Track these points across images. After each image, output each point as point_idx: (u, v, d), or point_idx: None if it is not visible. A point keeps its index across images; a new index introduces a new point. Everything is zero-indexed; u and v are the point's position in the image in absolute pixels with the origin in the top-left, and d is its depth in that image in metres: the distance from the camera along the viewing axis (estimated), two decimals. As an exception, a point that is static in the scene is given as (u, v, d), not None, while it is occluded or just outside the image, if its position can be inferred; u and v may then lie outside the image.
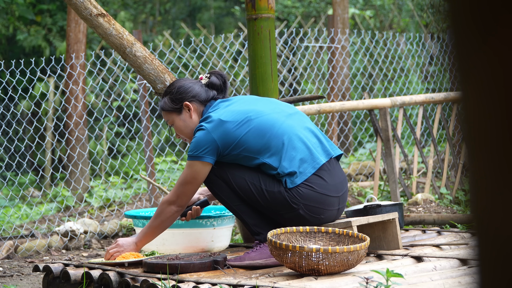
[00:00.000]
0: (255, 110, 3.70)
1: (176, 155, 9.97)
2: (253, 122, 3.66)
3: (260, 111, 3.70)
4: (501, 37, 0.92)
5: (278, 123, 3.68)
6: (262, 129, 3.65)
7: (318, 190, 3.65)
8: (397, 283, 2.91)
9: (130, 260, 3.74)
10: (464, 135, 0.97)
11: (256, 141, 3.64)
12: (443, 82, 8.70)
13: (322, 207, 3.67)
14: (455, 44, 0.97)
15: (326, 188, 3.68)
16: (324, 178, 3.68)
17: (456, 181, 5.94)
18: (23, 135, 9.85)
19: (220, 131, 3.64)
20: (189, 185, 3.67)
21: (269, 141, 3.64)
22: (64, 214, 6.84)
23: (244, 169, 3.68)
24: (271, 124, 3.66)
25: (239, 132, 3.64)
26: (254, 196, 3.65)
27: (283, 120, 3.69)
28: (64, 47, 10.91)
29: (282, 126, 3.67)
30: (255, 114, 3.68)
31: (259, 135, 3.65)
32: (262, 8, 4.48)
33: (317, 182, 3.65)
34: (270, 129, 3.65)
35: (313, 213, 3.66)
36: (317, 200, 3.65)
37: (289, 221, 3.67)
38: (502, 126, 0.93)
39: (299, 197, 3.63)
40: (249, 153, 3.65)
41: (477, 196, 0.96)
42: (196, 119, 3.81)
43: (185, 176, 3.68)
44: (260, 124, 3.66)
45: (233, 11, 13.34)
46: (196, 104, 3.81)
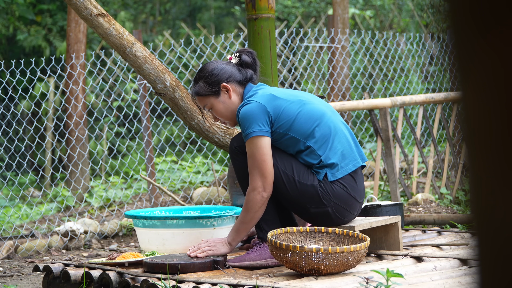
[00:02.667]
0: (305, 96, 3.68)
1: (176, 155, 9.97)
2: (305, 106, 3.61)
3: (310, 99, 3.67)
4: (501, 37, 0.93)
5: (327, 114, 3.65)
6: (313, 114, 3.61)
7: (350, 191, 3.63)
8: (397, 283, 2.91)
9: (130, 260, 3.74)
10: (464, 135, 0.97)
11: (306, 124, 3.58)
12: (443, 82, 8.70)
13: (348, 210, 3.65)
14: (455, 44, 0.97)
15: (357, 192, 3.66)
16: (357, 181, 3.66)
17: (456, 181, 5.94)
18: (23, 135, 9.85)
19: (273, 104, 3.57)
20: (262, 162, 3.52)
21: (318, 127, 3.59)
22: (64, 214, 6.84)
23: (278, 156, 3.60)
24: (321, 113, 3.63)
25: (292, 109, 3.58)
26: (284, 184, 3.57)
27: (330, 114, 3.67)
28: (64, 47, 10.91)
29: (330, 118, 3.65)
30: (307, 100, 3.65)
31: (310, 119, 3.59)
32: (262, 8, 4.48)
33: (351, 184, 3.63)
34: (320, 117, 3.61)
35: (339, 214, 3.63)
36: (346, 201, 3.62)
37: (315, 216, 3.61)
38: (502, 126, 0.93)
39: (332, 195, 3.58)
40: (297, 134, 3.58)
41: (477, 196, 0.96)
42: (237, 99, 3.72)
43: (253, 157, 3.53)
44: (312, 110, 3.62)
45: (233, 11, 13.34)
46: (234, 85, 3.72)
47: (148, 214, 4.31)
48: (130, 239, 5.84)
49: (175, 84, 4.40)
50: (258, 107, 3.55)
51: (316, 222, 3.67)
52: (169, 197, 6.58)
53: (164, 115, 8.61)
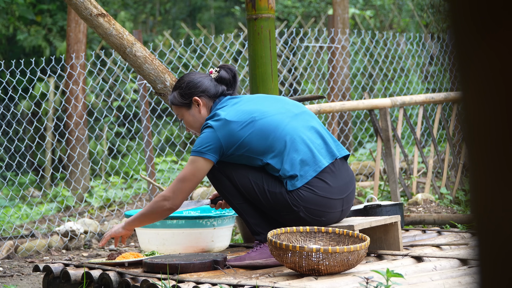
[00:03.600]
0: (260, 110, 3.70)
1: (176, 155, 9.97)
2: (257, 124, 3.65)
3: (265, 111, 3.69)
4: (501, 37, 0.93)
5: (282, 124, 3.66)
6: (265, 130, 3.64)
7: (320, 193, 3.63)
8: (397, 283, 2.91)
9: (130, 260, 3.74)
10: (464, 135, 0.97)
11: (259, 143, 3.64)
12: (443, 82, 8.70)
13: (323, 210, 3.66)
14: (455, 44, 0.97)
15: (328, 191, 3.66)
16: (327, 181, 3.66)
17: (456, 181, 5.94)
18: (23, 135, 9.85)
19: (225, 130, 3.64)
20: (187, 182, 3.65)
21: (272, 142, 3.63)
22: (64, 214, 6.84)
23: (249, 169, 3.68)
24: (274, 126, 3.65)
25: (243, 132, 3.64)
26: (257, 195, 3.65)
27: (288, 122, 3.68)
28: (64, 47, 10.91)
29: (286, 128, 3.66)
30: (260, 114, 3.67)
31: (263, 136, 3.64)
32: (262, 8, 4.48)
33: (318, 185, 3.63)
34: (274, 131, 3.64)
35: (314, 216, 3.65)
36: (318, 203, 3.63)
37: (290, 222, 3.67)
38: (502, 126, 0.93)
39: (299, 200, 3.61)
40: (252, 153, 3.65)
41: (477, 196, 0.96)
42: (205, 113, 3.81)
43: (185, 172, 3.66)
44: (264, 125, 3.65)
45: (233, 11, 13.34)
46: (205, 99, 3.80)
47: (148, 214, 4.31)
48: (130, 239, 5.84)
49: (175, 84, 4.39)
50: (212, 133, 3.64)
51: (294, 226, 3.68)
52: (169, 197, 6.57)
53: (164, 115, 8.61)
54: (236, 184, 3.68)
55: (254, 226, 3.72)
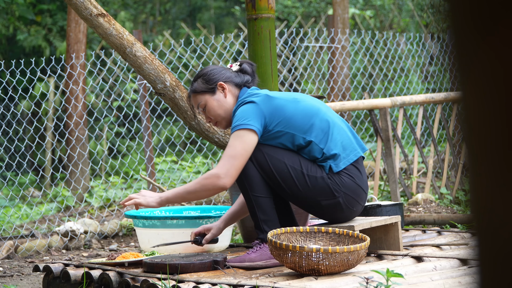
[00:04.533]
0: (298, 95, 3.72)
1: (176, 155, 9.97)
2: (300, 103, 3.65)
3: (303, 97, 3.71)
4: (501, 37, 0.93)
5: (322, 109, 3.68)
6: (308, 110, 3.64)
7: (357, 181, 3.65)
8: (397, 283, 2.91)
9: (130, 260, 3.74)
10: (464, 135, 0.97)
11: (303, 120, 3.62)
12: (443, 82, 8.70)
13: (357, 200, 3.68)
14: (455, 44, 0.97)
15: (362, 181, 3.69)
16: (360, 171, 3.69)
17: (456, 181, 5.94)
18: (23, 135, 9.85)
19: (268, 104, 3.60)
20: (239, 158, 3.52)
21: (315, 122, 3.62)
22: (64, 214, 6.84)
23: (283, 152, 3.61)
24: (316, 109, 3.67)
25: (288, 107, 3.61)
26: (293, 180, 3.58)
27: (325, 110, 3.71)
28: (64, 47, 10.91)
29: (326, 113, 3.68)
30: (300, 98, 3.69)
31: (307, 115, 3.63)
32: (262, 8, 4.48)
33: (355, 174, 3.66)
34: (316, 112, 3.65)
35: (349, 204, 3.65)
36: (355, 191, 3.65)
37: (326, 208, 3.62)
38: (502, 126, 0.93)
39: (341, 185, 3.61)
40: (295, 130, 3.60)
41: (477, 196, 0.96)
42: (231, 100, 3.75)
43: (233, 149, 3.53)
44: (306, 106, 3.65)
45: (233, 11, 13.34)
46: (231, 86, 3.77)
47: (148, 214, 4.31)
48: (130, 239, 5.84)
49: (175, 84, 4.40)
50: (254, 106, 3.60)
51: (327, 214, 3.68)
52: (169, 197, 6.57)
53: (164, 115, 8.61)
54: (269, 169, 3.57)
55: (262, 222, 3.64)
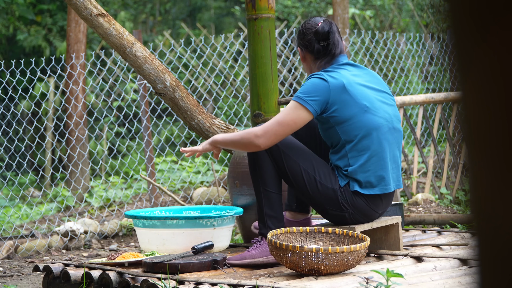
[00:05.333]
0: (373, 102, 3.59)
1: (176, 155, 9.97)
2: (364, 114, 3.56)
3: (375, 107, 3.59)
4: (501, 37, 0.93)
5: (381, 130, 3.59)
6: (365, 124, 3.55)
7: (371, 206, 3.66)
8: (397, 283, 2.91)
9: (130, 260, 3.74)
10: (464, 135, 0.97)
11: (352, 130, 3.56)
12: (443, 82, 8.70)
13: (365, 218, 3.71)
14: (455, 44, 0.97)
15: (379, 207, 3.69)
16: (382, 200, 3.69)
17: (456, 181, 5.94)
18: (23, 135, 9.85)
19: (337, 96, 3.54)
20: (285, 126, 3.50)
21: (362, 139, 3.56)
22: (64, 214, 6.84)
23: (300, 153, 3.60)
24: (375, 126, 3.58)
25: (349, 111, 3.54)
26: (304, 183, 3.58)
27: (385, 131, 3.61)
28: (64, 47, 10.91)
29: (382, 135, 3.60)
30: (371, 107, 3.57)
31: (359, 128, 3.55)
32: (262, 8, 4.48)
33: (374, 201, 3.66)
34: (370, 130, 3.57)
35: (355, 220, 3.69)
36: (365, 212, 3.67)
37: (331, 216, 3.67)
38: (502, 126, 0.93)
39: (351, 203, 3.62)
40: (341, 132, 3.56)
41: (477, 196, 0.96)
42: (309, 65, 3.73)
43: (285, 116, 3.51)
44: (367, 120, 3.55)
45: (233, 11, 13.34)
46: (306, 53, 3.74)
47: (148, 214, 4.31)
48: (130, 239, 5.84)
49: (175, 84, 4.40)
50: (325, 88, 3.55)
51: (332, 220, 3.73)
52: (169, 197, 6.58)
53: (164, 115, 8.61)
54: (283, 167, 3.59)
55: (267, 217, 3.65)
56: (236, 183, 4.31)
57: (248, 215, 4.30)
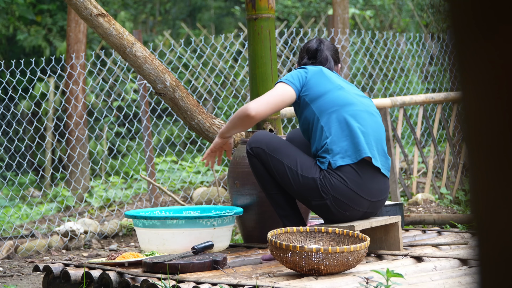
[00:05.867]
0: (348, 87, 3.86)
1: (176, 155, 9.97)
2: (338, 91, 3.81)
3: (348, 89, 3.84)
4: (501, 37, 0.93)
5: (353, 105, 3.80)
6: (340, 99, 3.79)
7: (350, 185, 3.68)
8: (397, 283, 2.91)
9: (130, 260, 3.74)
10: (464, 135, 0.97)
11: (327, 105, 3.78)
12: (443, 82, 8.70)
13: (349, 204, 3.70)
14: (455, 44, 0.97)
15: (359, 186, 3.70)
16: (361, 176, 3.70)
17: (456, 181, 5.94)
18: (23, 135, 9.85)
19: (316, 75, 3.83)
20: (274, 97, 3.80)
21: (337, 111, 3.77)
22: (64, 214, 6.84)
23: (285, 152, 3.79)
24: (348, 102, 3.80)
25: (326, 86, 3.80)
26: (288, 179, 3.74)
27: (359, 105, 3.81)
28: (64, 47, 10.91)
29: (356, 108, 3.79)
30: (346, 88, 3.84)
31: (334, 103, 3.79)
32: (262, 8, 4.48)
33: (351, 177, 3.68)
34: (345, 104, 3.79)
35: (339, 207, 3.70)
36: (346, 195, 3.68)
37: (316, 208, 3.75)
38: (502, 125, 0.93)
39: (330, 188, 3.67)
40: (316, 109, 3.78)
41: (477, 196, 0.96)
42: None
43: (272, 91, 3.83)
44: (341, 95, 3.80)
45: (233, 11, 13.34)
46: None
47: (148, 214, 4.31)
48: (130, 239, 5.84)
49: (175, 84, 4.40)
50: (304, 72, 3.86)
51: (320, 214, 3.78)
52: (169, 197, 6.58)
53: (164, 115, 8.61)
54: (272, 171, 3.79)
55: (282, 218, 3.85)
56: (236, 183, 4.32)
57: (248, 215, 4.30)
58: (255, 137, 3.88)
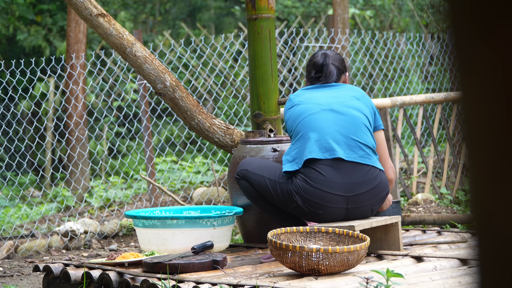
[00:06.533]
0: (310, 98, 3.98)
1: (176, 155, 9.97)
2: (297, 107, 3.95)
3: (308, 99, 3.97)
4: (501, 37, 0.93)
5: (307, 113, 3.92)
6: (297, 115, 3.93)
7: (314, 184, 3.73)
8: (397, 283, 2.91)
9: (130, 260, 3.74)
10: (464, 135, 0.97)
11: (292, 124, 3.95)
12: (443, 82, 8.70)
13: (320, 202, 3.73)
14: (455, 44, 0.97)
15: (324, 183, 3.73)
16: (322, 173, 3.74)
17: (456, 181, 5.94)
18: (23, 135, 9.85)
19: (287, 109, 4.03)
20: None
21: (297, 126, 3.92)
22: (64, 214, 6.84)
23: (265, 167, 3.92)
24: (302, 112, 3.92)
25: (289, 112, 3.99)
26: (269, 190, 3.85)
27: (311, 113, 3.91)
28: (64, 47, 10.91)
29: (308, 118, 3.90)
30: (304, 101, 3.97)
31: (294, 120, 3.93)
32: (262, 8, 4.48)
33: (312, 176, 3.74)
34: (299, 116, 3.92)
35: (311, 207, 3.74)
36: (314, 194, 3.73)
37: (294, 211, 3.83)
38: (502, 126, 0.93)
39: (296, 189, 3.76)
40: (289, 132, 3.97)
41: (477, 196, 0.96)
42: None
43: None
44: (297, 111, 3.94)
45: (233, 11, 13.34)
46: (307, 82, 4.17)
47: (148, 214, 4.31)
48: (130, 239, 5.84)
49: (175, 84, 4.40)
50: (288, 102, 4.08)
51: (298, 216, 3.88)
52: (169, 197, 6.58)
53: (164, 115, 8.61)
54: (255, 185, 3.91)
55: (278, 222, 3.91)
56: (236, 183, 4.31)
57: (248, 215, 4.30)
58: (240, 163, 4.03)
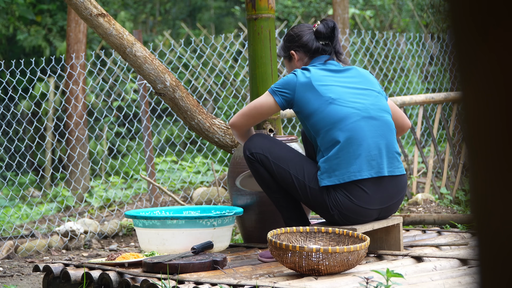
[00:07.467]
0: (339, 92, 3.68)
1: (176, 155, 9.97)
2: (329, 106, 3.66)
3: (340, 97, 3.67)
4: (501, 37, 0.93)
5: (350, 118, 3.66)
6: (331, 116, 3.65)
7: (356, 201, 3.63)
8: (397, 283, 2.91)
9: (130, 260, 3.74)
10: (464, 135, 0.97)
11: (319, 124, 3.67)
12: (443, 82, 8.70)
13: (357, 217, 3.68)
14: (455, 44, 0.97)
15: (366, 200, 3.65)
16: (365, 190, 3.64)
17: (456, 181, 5.94)
18: (23, 135, 9.85)
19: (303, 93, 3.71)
20: (251, 108, 3.80)
21: (328, 131, 3.66)
22: (64, 214, 6.84)
23: (290, 160, 3.74)
24: (342, 116, 3.65)
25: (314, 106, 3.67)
26: (296, 189, 3.70)
27: (356, 119, 3.66)
28: (64, 47, 10.91)
29: (349, 125, 3.65)
30: (336, 98, 3.67)
31: (327, 122, 3.65)
32: (262, 8, 4.48)
33: (356, 193, 3.63)
34: (337, 121, 3.65)
35: (347, 220, 3.68)
36: (353, 210, 3.64)
37: (323, 217, 3.75)
38: (502, 126, 0.93)
39: (336, 204, 3.63)
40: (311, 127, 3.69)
41: (477, 196, 0.96)
42: (295, 65, 3.93)
43: (255, 100, 3.83)
44: (332, 111, 3.65)
45: (233, 11, 13.34)
46: (301, 54, 3.89)
47: (148, 214, 4.31)
48: (130, 239, 5.84)
49: (175, 84, 4.40)
50: (292, 82, 3.74)
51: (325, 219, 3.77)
52: (169, 197, 6.58)
53: (164, 115, 8.61)
54: (277, 178, 3.75)
55: (286, 219, 3.81)
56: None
57: (248, 215, 4.30)
58: (254, 142, 3.80)
